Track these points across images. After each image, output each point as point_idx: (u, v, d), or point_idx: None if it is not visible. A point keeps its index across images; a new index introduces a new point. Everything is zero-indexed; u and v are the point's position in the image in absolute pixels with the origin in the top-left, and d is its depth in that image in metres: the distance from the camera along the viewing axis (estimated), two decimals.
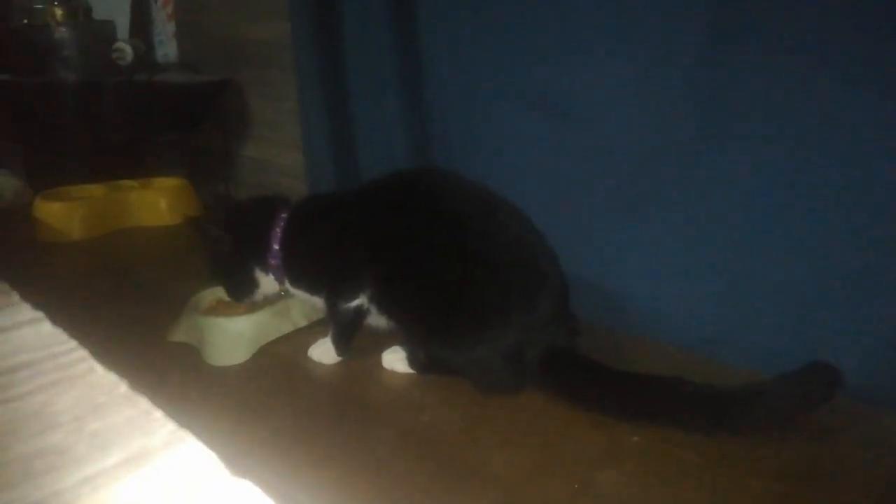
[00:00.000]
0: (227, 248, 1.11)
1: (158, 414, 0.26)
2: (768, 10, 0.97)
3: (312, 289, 1.10)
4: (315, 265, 1.09)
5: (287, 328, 1.17)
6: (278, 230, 1.09)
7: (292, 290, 1.12)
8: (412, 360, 1.05)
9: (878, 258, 0.95)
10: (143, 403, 0.27)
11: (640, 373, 0.93)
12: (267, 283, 1.13)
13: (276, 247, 1.09)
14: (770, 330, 1.04)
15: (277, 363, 1.10)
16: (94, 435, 0.27)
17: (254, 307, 1.16)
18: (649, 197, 1.16)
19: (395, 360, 1.06)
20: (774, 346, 1.00)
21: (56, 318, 0.36)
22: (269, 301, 1.17)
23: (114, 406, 0.27)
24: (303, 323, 1.18)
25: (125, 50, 2.03)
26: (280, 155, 1.97)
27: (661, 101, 1.11)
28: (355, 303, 1.05)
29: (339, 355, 1.08)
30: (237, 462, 0.83)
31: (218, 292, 1.20)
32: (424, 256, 1.00)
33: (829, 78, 0.94)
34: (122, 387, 0.28)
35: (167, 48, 2.32)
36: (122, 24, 2.27)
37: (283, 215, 1.11)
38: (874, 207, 0.94)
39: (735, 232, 1.07)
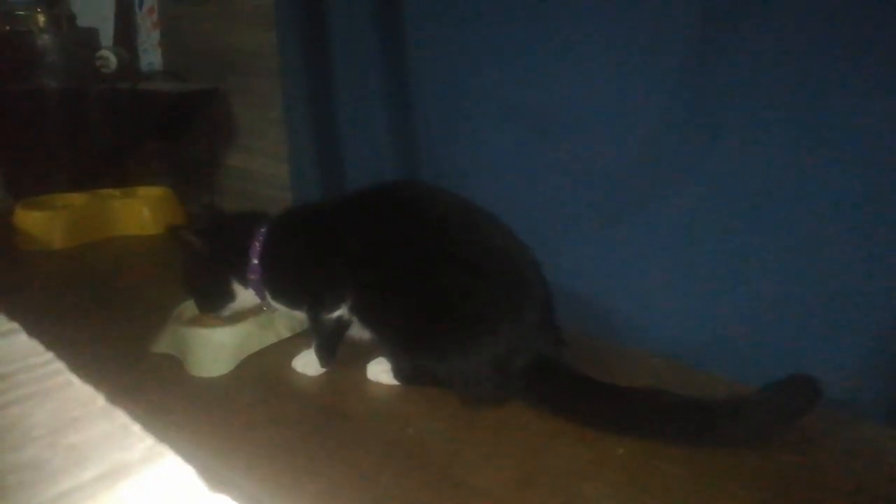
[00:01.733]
0: (204, 260, 1.10)
1: (136, 428, 0.26)
2: (753, 25, 0.98)
3: (293, 302, 1.10)
4: (295, 278, 1.08)
5: (271, 339, 1.16)
6: (257, 244, 1.09)
7: (273, 303, 1.12)
8: (397, 372, 1.04)
9: (857, 269, 0.96)
10: (120, 417, 0.26)
11: (624, 385, 0.93)
12: (245, 296, 1.12)
13: (255, 261, 1.09)
14: (752, 339, 1.05)
15: (261, 375, 1.09)
16: (70, 449, 0.26)
17: (236, 318, 1.15)
18: (632, 207, 1.16)
19: (380, 371, 1.05)
20: (756, 355, 1.01)
21: (36, 328, 0.35)
22: (252, 312, 1.16)
23: (91, 420, 0.27)
24: (287, 334, 1.18)
25: (109, 58, 2.02)
26: (266, 164, 1.96)
27: (643, 113, 1.12)
28: (336, 313, 1.04)
29: (322, 367, 1.08)
30: (220, 475, 0.81)
31: None
32: (407, 268, 1.00)
33: (810, 91, 0.95)
34: (100, 400, 0.27)
35: (152, 56, 2.30)
36: (107, 31, 2.26)
37: (263, 229, 1.10)
38: (855, 218, 0.96)
39: (717, 242, 1.08)
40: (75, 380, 0.29)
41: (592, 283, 1.21)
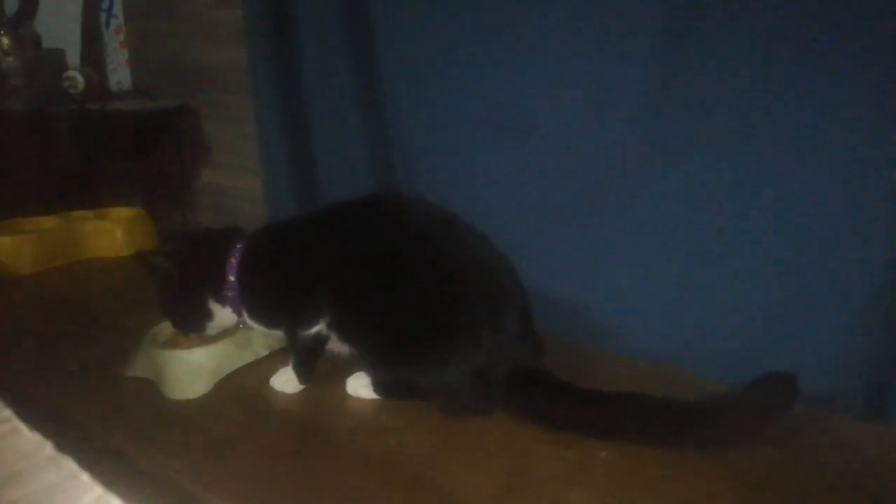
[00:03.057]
0: (176, 282, 1.09)
1: (85, 477, 0.25)
2: (721, 26, 1.00)
3: (270, 319, 1.09)
4: (273, 294, 1.07)
5: (248, 358, 1.14)
6: (233, 261, 1.08)
7: (250, 322, 1.10)
8: (377, 386, 1.03)
9: (835, 270, 0.97)
10: (68, 466, 0.26)
11: (605, 390, 0.93)
12: (223, 315, 1.11)
13: (231, 278, 1.08)
14: (733, 340, 1.06)
15: (239, 394, 1.07)
16: None
17: (213, 338, 1.13)
18: (609, 211, 1.17)
19: (360, 386, 1.05)
20: (738, 356, 1.02)
21: (4, 359, 0.34)
22: (229, 332, 1.15)
23: (36, 472, 0.26)
24: (264, 353, 1.16)
25: (76, 78, 2.00)
26: (239, 180, 1.94)
27: (617, 115, 1.13)
28: (314, 330, 1.03)
29: (301, 384, 1.06)
30: (200, 498, 0.80)
31: None
32: (385, 281, 0.99)
33: (786, 91, 0.97)
34: (48, 448, 0.26)
35: (120, 76, 2.28)
36: (73, 52, 2.23)
37: (238, 246, 1.09)
38: (829, 218, 0.97)
39: (693, 243, 1.09)
40: (23, 428, 0.28)
41: (570, 287, 1.22)
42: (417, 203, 1.12)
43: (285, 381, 1.07)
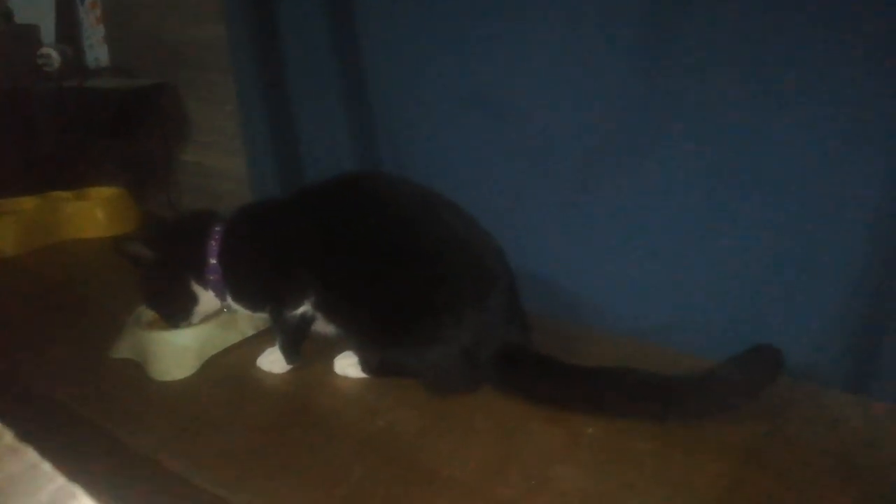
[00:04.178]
0: (156, 268, 1.08)
1: (46, 467, 0.24)
2: (704, 11, 0.99)
3: (255, 302, 1.08)
4: (257, 276, 1.06)
5: (234, 339, 1.13)
6: (213, 243, 1.06)
7: (234, 305, 1.09)
8: (365, 365, 1.03)
9: (817, 244, 0.98)
10: (29, 456, 0.25)
11: (591, 365, 0.93)
12: (207, 298, 1.10)
13: (212, 261, 1.06)
14: (717, 316, 1.07)
15: (226, 375, 1.07)
16: None
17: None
18: (593, 190, 1.17)
19: (348, 365, 1.04)
20: (722, 331, 1.03)
21: None
22: (216, 313, 1.14)
23: None
24: (250, 332, 1.15)
25: (51, 55, 1.95)
26: (222, 159, 1.92)
27: (599, 94, 1.12)
28: (300, 310, 1.03)
29: (288, 363, 1.06)
30: (188, 478, 0.80)
31: None
32: (371, 261, 0.99)
33: (769, 75, 0.96)
34: (7, 437, 0.25)
35: (98, 52, 2.23)
36: (48, 28, 2.18)
37: (218, 228, 1.07)
38: (812, 192, 0.97)
39: (679, 221, 1.09)
40: None
41: (556, 265, 1.22)
42: (402, 182, 1.11)
43: (272, 361, 1.07)
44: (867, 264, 0.95)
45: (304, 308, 1.03)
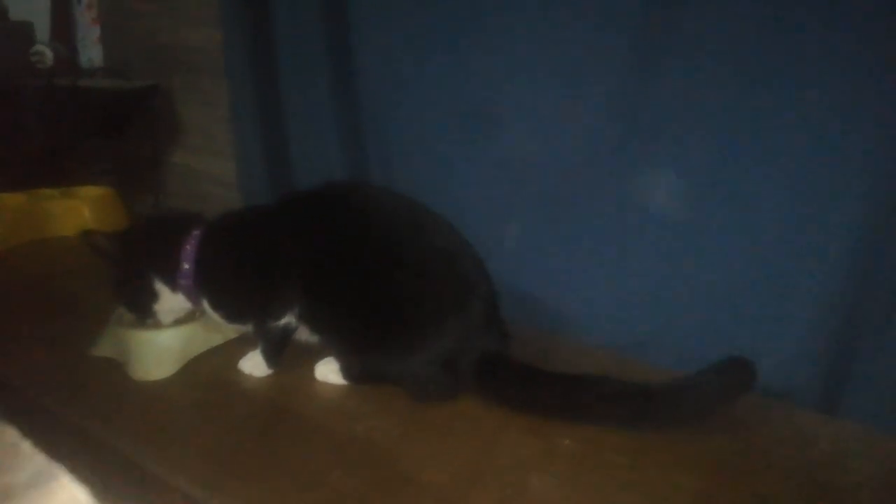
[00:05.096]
0: (119, 263, 1.07)
1: (26, 446, 0.24)
2: (699, 17, 1.01)
3: (236, 313, 1.06)
4: (239, 287, 1.04)
5: (217, 341, 1.13)
6: (189, 248, 1.04)
7: (212, 313, 1.07)
8: (346, 372, 1.04)
9: (791, 260, 1.00)
10: (9, 435, 0.25)
11: (567, 373, 0.95)
12: (172, 300, 1.07)
13: (186, 266, 1.04)
14: (695, 332, 1.08)
15: (207, 377, 1.06)
16: None
17: (181, 320, 1.12)
18: (576, 205, 1.18)
19: (329, 371, 1.05)
20: (699, 347, 1.04)
21: None
22: (197, 314, 1.13)
23: None
24: (233, 335, 1.15)
25: (45, 53, 1.95)
26: (212, 163, 1.92)
27: (586, 106, 1.14)
28: (283, 321, 1.03)
29: (269, 368, 1.06)
30: (165, 479, 0.79)
31: None
32: (354, 270, 0.99)
33: (753, 88, 0.98)
34: None
35: (92, 52, 2.23)
36: (42, 26, 2.17)
37: (196, 232, 1.06)
38: (789, 210, 0.99)
39: (657, 235, 1.11)
40: None
41: (536, 276, 1.23)
42: (386, 192, 1.12)
43: (254, 364, 1.07)
44: (842, 287, 0.97)
45: (287, 319, 1.03)
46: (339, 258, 1.00)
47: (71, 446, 0.92)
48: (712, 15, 1.00)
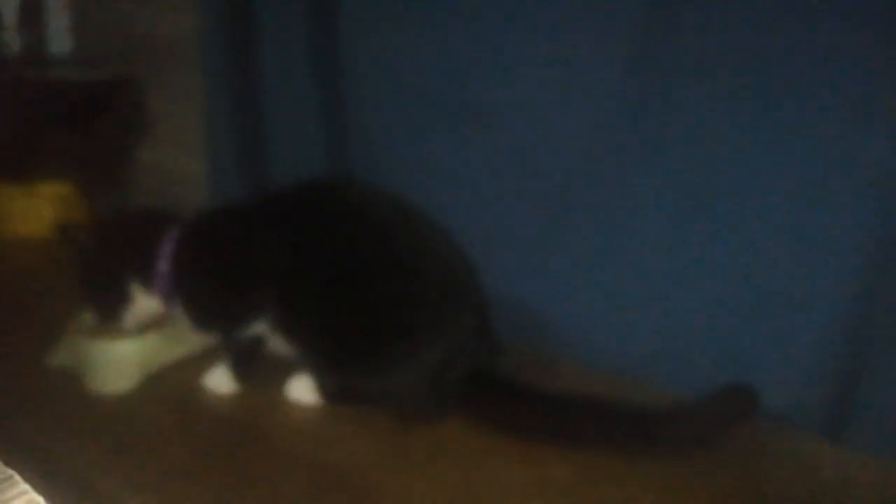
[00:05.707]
0: (94, 259, 1.03)
1: None
2: (702, 21, 0.98)
3: (204, 317, 1.01)
4: (210, 288, 1.00)
5: (181, 352, 1.07)
6: (167, 249, 0.99)
7: (184, 318, 1.02)
8: (322, 390, 0.97)
9: (797, 281, 0.97)
10: None
11: (560, 395, 0.91)
12: (147, 303, 1.02)
13: (164, 267, 0.99)
14: (698, 354, 1.04)
15: (169, 392, 1.01)
16: None
17: (143, 328, 1.06)
18: (575, 215, 1.14)
19: (303, 389, 0.98)
20: (702, 370, 1.01)
21: None
22: (161, 323, 1.07)
23: None
24: (198, 347, 1.08)
25: (10, 41, 1.88)
26: (184, 160, 1.85)
27: (587, 109, 1.10)
28: (252, 331, 0.97)
29: (237, 384, 1.00)
30: (121, 499, 0.73)
31: None
32: (335, 275, 0.94)
33: (762, 94, 0.95)
34: None
35: (62, 41, 2.15)
36: (9, 11, 2.09)
37: (174, 231, 1.01)
38: (803, 230, 0.96)
39: (658, 250, 1.07)
40: None
41: (531, 289, 1.18)
42: (373, 192, 1.07)
43: (219, 380, 1.00)
44: (850, 310, 0.94)
45: (258, 328, 0.97)
46: (319, 261, 0.96)
47: (24, 460, 0.88)
48: (716, 13, 0.97)
